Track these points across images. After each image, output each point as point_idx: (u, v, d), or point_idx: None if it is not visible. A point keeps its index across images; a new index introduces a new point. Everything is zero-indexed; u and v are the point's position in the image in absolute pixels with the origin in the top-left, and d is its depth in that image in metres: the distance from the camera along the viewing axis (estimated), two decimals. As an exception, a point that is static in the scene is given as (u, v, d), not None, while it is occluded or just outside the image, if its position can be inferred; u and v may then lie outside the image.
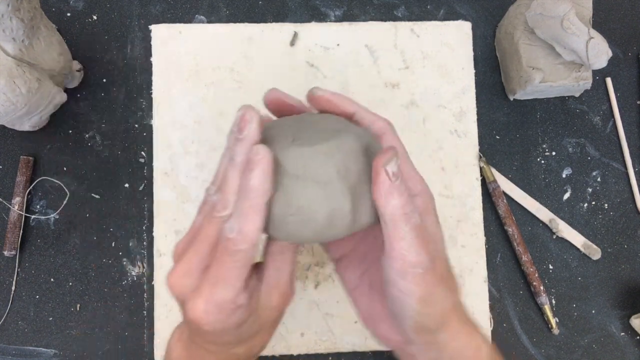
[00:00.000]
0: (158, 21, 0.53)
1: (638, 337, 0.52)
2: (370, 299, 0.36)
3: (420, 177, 0.34)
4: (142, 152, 0.51)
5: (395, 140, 0.34)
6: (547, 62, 0.49)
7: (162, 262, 0.50)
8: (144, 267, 0.50)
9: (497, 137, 0.53)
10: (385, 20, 0.53)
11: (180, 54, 0.52)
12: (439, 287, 0.31)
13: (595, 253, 0.52)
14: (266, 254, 0.32)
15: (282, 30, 0.52)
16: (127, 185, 0.51)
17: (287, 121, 0.33)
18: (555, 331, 0.51)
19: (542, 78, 0.49)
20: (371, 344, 0.50)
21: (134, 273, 0.50)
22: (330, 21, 0.53)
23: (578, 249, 0.52)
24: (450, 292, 0.33)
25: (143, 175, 0.51)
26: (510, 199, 0.52)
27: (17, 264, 0.50)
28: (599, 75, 0.54)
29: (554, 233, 0.52)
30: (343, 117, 0.34)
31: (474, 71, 0.53)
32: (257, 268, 0.32)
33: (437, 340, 0.33)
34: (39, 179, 0.50)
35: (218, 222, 0.30)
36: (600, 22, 0.55)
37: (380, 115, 0.34)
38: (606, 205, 0.53)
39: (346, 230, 0.30)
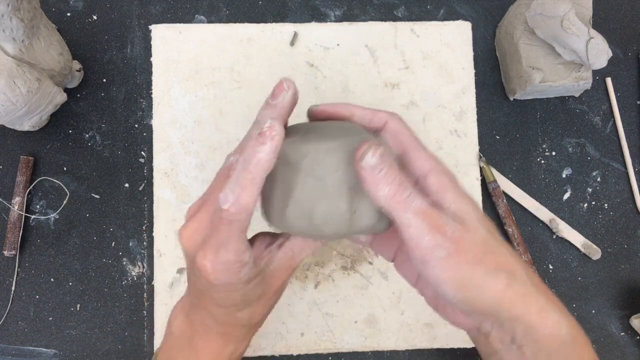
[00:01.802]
0: (158, 21, 0.53)
1: (638, 337, 0.52)
2: (432, 288, 0.35)
3: (429, 154, 0.33)
4: (142, 152, 0.51)
5: (399, 125, 0.34)
6: (547, 62, 0.49)
7: (162, 262, 0.50)
8: (144, 267, 0.50)
9: (497, 137, 0.53)
10: (385, 20, 0.53)
11: (180, 53, 0.52)
12: (478, 268, 0.30)
13: (595, 253, 0.52)
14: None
15: (282, 30, 0.52)
16: (127, 185, 0.51)
17: (300, 124, 0.34)
18: (555, 331, 0.51)
19: (542, 78, 0.49)
20: (371, 344, 0.50)
21: (134, 273, 0.50)
22: (330, 21, 0.53)
23: (578, 249, 0.52)
24: (497, 271, 0.30)
25: (143, 175, 0.51)
26: (510, 199, 0.52)
27: (17, 264, 0.50)
28: (599, 75, 0.54)
29: (554, 233, 0.52)
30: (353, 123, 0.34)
31: (474, 71, 0.53)
32: (281, 237, 0.34)
33: (500, 320, 0.31)
34: (39, 179, 0.50)
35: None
36: (600, 22, 0.55)
37: (380, 109, 0.34)
38: (606, 205, 0.53)
39: (344, 229, 0.30)
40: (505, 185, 0.52)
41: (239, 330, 0.35)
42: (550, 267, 0.52)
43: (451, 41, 0.53)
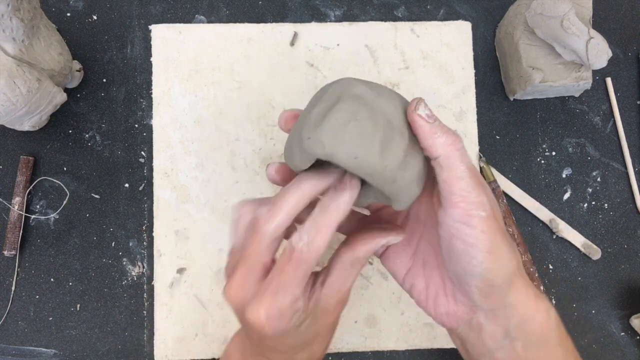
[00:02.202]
0: (158, 21, 0.53)
1: (638, 337, 0.52)
2: (427, 276, 0.35)
3: (457, 134, 0.33)
4: (142, 152, 0.51)
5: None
6: (547, 62, 0.49)
7: (162, 262, 0.50)
8: (144, 267, 0.50)
9: (497, 137, 0.53)
10: (385, 20, 0.53)
11: (180, 53, 0.52)
12: (504, 239, 0.31)
13: (595, 253, 0.52)
14: (336, 261, 0.33)
15: (282, 30, 0.52)
16: (127, 185, 0.51)
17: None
18: (555, 331, 0.51)
19: (542, 78, 0.49)
20: (371, 344, 0.50)
21: (134, 273, 0.50)
22: (330, 21, 0.53)
23: (578, 249, 0.52)
24: (513, 249, 0.32)
25: (143, 175, 0.51)
26: (510, 199, 0.52)
27: (17, 264, 0.50)
28: (599, 75, 0.54)
29: (554, 233, 0.52)
30: None
31: (474, 71, 0.53)
32: (319, 272, 0.33)
33: (505, 304, 0.32)
34: (39, 179, 0.50)
35: (262, 235, 0.31)
36: (600, 22, 0.55)
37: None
38: (606, 205, 0.53)
39: (373, 167, 0.29)
40: (505, 185, 0.52)
41: None
42: (550, 267, 0.52)
43: (451, 41, 0.53)
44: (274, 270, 0.30)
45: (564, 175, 0.53)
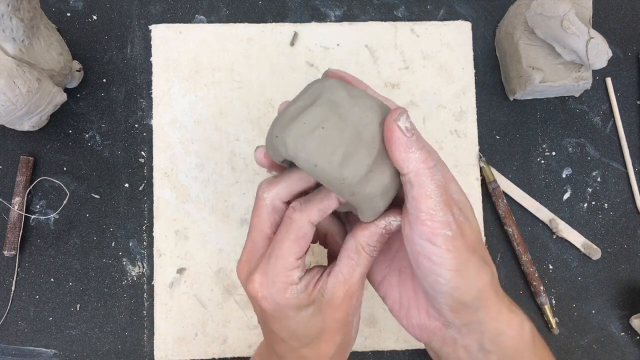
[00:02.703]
0: (158, 21, 0.53)
1: (638, 337, 0.52)
2: (401, 287, 0.35)
3: (433, 149, 0.33)
4: (142, 152, 0.51)
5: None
6: (547, 62, 0.49)
7: (162, 262, 0.50)
8: (144, 267, 0.50)
9: (497, 137, 0.53)
10: (385, 20, 0.53)
11: (180, 54, 0.52)
12: (473, 257, 0.30)
13: (595, 253, 0.52)
14: (342, 250, 0.32)
15: (282, 30, 0.52)
16: (127, 185, 0.51)
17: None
18: (555, 331, 0.51)
19: (542, 78, 0.49)
20: (371, 344, 0.50)
21: (134, 273, 0.50)
22: (330, 21, 0.53)
23: (578, 249, 0.52)
24: (485, 265, 0.31)
25: (143, 175, 0.51)
26: (510, 199, 0.52)
27: (17, 264, 0.50)
28: (599, 75, 0.54)
29: (554, 233, 0.52)
30: None
31: (474, 71, 0.53)
32: (330, 263, 0.33)
33: (477, 319, 0.32)
34: (39, 179, 0.50)
35: (261, 203, 0.32)
36: (600, 22, 0.55)
37: (390, 100, 0.35)
38: (606, 205, 0.53)
39: (331, 178, 0.29)
40: (505, 185, 0.52)
41: None
42: (550, 267, 0.52)
43: (451, 41, 0.53)
44: (272, 242, 0.31)
45: (564, 175, 0.53)
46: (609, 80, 0.54)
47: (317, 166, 0.28)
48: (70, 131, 0.51)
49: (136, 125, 0.52)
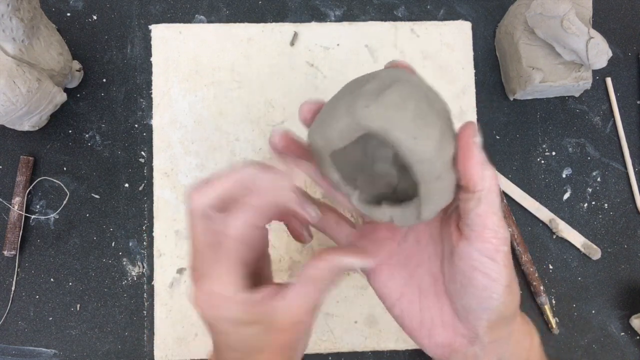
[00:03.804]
0: (158, 21, 0.53)
1: (638, 337, 0.52)
2: (422, 305, 0.33)
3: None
4: (142, 152, 0.51)
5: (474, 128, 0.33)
6: (547, 62, 0.49)
7: (162, 262, 0.50)
8: (144, 267, 0.50)
9: (497, 137, 0.53)
10: (385, 20, 0.53)
11: (180, 54, 0.52)
12: (513, 272, 0.30)
13: (595, 253, 0.52)
14: (299, 275, 0.31)
15: (282, 30, 0.52)
16: (127, 185, 0.51)
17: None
18: (555, 331, 0.51)
19: (542, 78, 0.49)
20: (371, 344, 0.50)
21: (134, 273, 0.50)
22: (330, 21, 0.53)
23: (578, 249, 0.52)
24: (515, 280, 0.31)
25: (143, 175, 0.51)
26: (510, 199, 0.52)
27: (17, 264, 0.50)
28: (599, 75, 0.54)
29: (554, 233, 0.52)
30: None
31: (474, 71, 0.53)
32: (284, 284, 0.32)
33: (507, 334, 0.32)
34: (39, 179, 0.50)
35: (191, 211, 0.31)
36: (600, 22, 0.55)
37: None
38: (606, 205, 0.53)
39: (428, 154, 0.26)
40: (505, 185, 0.52)
41: None
42: (550, 267, 0.52)
43: (451, 41, 0.53)
44: (207, 258, 0.30)
45: (564, 175, 0.53)
46: (609, 80, 0.54)
47: (417, 139, 0.26)
48: (70, 131, 0.51)
49: (136, 125, 0.52)
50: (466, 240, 0.30)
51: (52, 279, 0.50)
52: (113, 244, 0.50)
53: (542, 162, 0.53)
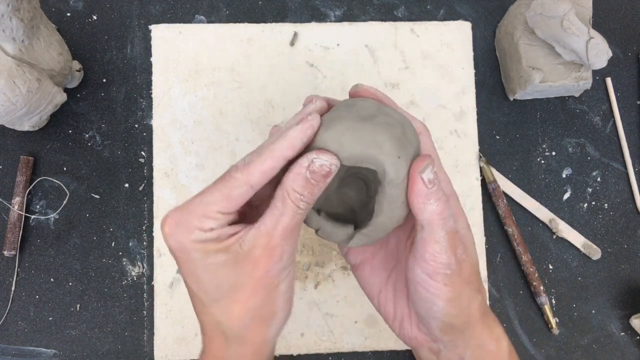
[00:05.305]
0: (158, 21, 0.53)
1: (638, 337, 0.52)
2: (396, 301, 0.37)
3: (448, 179, 0.35)
4: (142, 152, 0.51)
5: (430, 142, 0.35)
6: (547, 62, 0.49)
7: (162, 262, 0.50)
8: (144, 267, 0.50)
9: (497, 137, 0.53)
10: (385, 20, 0.53)
11: (180, 54, 0.52)
12: (466, 289, 0.33)
13: (595, 253, 0.52)
14: (273, 199, 0.30)
15: (282, 30, 0.52)
16: (127, 185, 0.51)
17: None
18: (555, 331, 0.51)
19: (542, 78, 0.49)
20: (371, 344, 0.50)
21: (134, 273, 0.50)
22: (330, 21, 0.53)
23: (578, 249, 0.52)
24: (476, 293, 0.34)
25: (143, 175, 0.51)
26: (510, 199, 0.52)
27: (17, 264, 0.50)
28: (599, 75, 0.54)
29: (554, 233, 0.52)
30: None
31: (474, 71, 0.53)
32: (257, 216, 0.31)
33: (462, 338, 0.34)
34: (39, 179, 0.50)
35: (235, 179, 0.30)
36: (600, 22, 0.55)
37: (415, 117, 0.36)
38: (606, 205, 0.53)
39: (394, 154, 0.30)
40: (505, 185, 0.52)
41: (220, 343, 0.31)
42: (550, 267, 0.52)
43: (451, 41, 0.53)
44: (204, 189, 0.31)
45: (564, 175, 0.53)
46: (609, 80, 0.54)
47: (400, 158, 0.30)
48: (70, 131, 0.51)
49: (136, 125, 0.52)
50: (412, 257, 0.33)
51: (52, 279, 0.50)
52: (113, 244, 0.50)
53: (542, 162, 0.53)
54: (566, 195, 0.53)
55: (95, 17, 0.53)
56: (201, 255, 0.29)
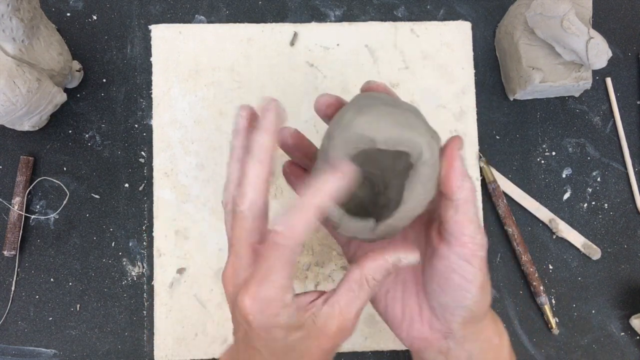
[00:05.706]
0: (158, 21, 0.53)
1: (638, 337, 0.52)
2: (404, 301, 0.36)
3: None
4: (142, 152, 0.51)
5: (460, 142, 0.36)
6: (547, 62, 0.49)
7: (162, 262, 0.50)
8: (144, 267, 0.50)
9: (497, 137, 0.53)
10: (385, 20, 0.53)
11: (180, 54, 0.52)
12: (487, 275, 0.33)
13: (595, 253, 0.52)
14: (344, 279, 0.32)
15: (282, 30, 0.52)
16: (127, 185, 0.51)
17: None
18: (555, 331, 0.51)
19: (542, 78, 0.49)
20: (371, 344, 0.50)
21: (134, 273, 0.50)
22: (330, 21, 0.53)
23: (578, 249, 0.52)
24: (490, 281, 0.34)
25: (143, 175, 0.51)
26: (510, 199, 0.52)
27: (17, 264, 0.50)
28: (599, 75, 0.54)
29: (554, 233, 0.52)
30: None
31: (474, 71, 0.53)
32: (327, 292, 0.32)
33: (475, 330, 0.34)
34: (39, 179, 0.50)
35: (241, 217, 0.31)
36: (600, 22, 0.55)
37: None
38: (606, 205, 0.53)
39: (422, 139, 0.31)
40: (505, 185, 0.52)
41: None
42: (550, 267, 0.52)
43: (451, 41, 0.53)
44: (260, 256, 0.30)
45: (564, 175, 0.53)
46: (609, 80, 0.54)
47: (433, 138, 0.32)
48: (70, 131, 0.51)
49: (136, 125, 0.52)
50: (446, 244, 0.32)
51: (52, 279, 0.50)
52: (113, 244, 0.50)
53: (542, 162, 0.53)
54: (566, 195, 0.53)
55: (95, 17, 0.53)
56: (284, 333, 0.30)
